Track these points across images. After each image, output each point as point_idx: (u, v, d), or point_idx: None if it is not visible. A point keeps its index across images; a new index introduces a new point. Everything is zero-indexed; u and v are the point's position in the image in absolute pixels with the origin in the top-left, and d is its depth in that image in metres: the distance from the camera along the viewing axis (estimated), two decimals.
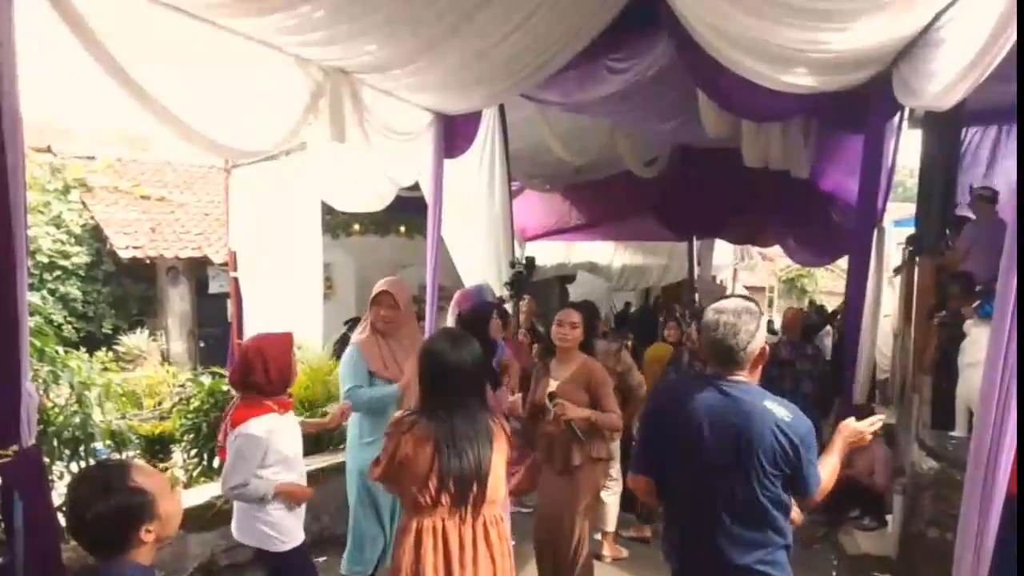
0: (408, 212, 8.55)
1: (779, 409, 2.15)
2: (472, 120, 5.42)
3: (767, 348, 2.28)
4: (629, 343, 7.30)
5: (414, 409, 2.56)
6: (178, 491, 1.93)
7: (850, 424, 2.40)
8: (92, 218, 10.63)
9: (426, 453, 2.39)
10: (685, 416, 2.25)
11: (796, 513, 2.31)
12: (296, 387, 5.03)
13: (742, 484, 2.15)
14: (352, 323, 9.29)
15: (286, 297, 6.16)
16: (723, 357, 2.22)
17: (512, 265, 6.83)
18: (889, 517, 4.94)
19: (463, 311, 4.21)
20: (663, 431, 2.38)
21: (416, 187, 5.62)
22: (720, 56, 4.07)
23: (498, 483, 2.49)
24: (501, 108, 6.49)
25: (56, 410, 3.75)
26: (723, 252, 15.17)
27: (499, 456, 2.49)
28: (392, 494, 2.96)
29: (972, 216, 5.87)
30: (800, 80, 4.05)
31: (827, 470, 2.27)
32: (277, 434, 2.94)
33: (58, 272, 10.10)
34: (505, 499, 4.01)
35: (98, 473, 1.86)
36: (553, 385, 3.58)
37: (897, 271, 7.25)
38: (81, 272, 10.37)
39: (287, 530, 3.01)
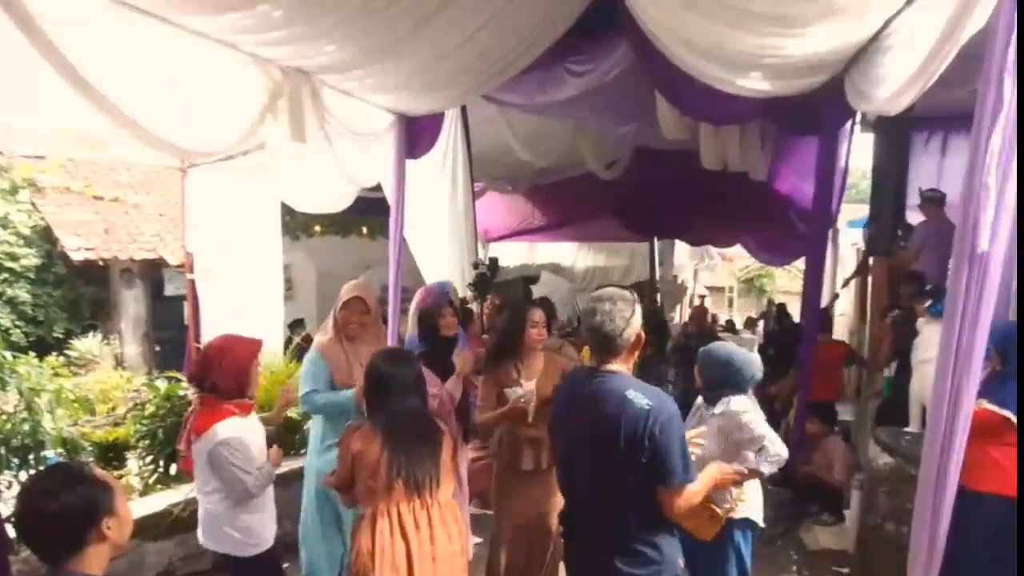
0: (370, 213, 8.51)
1: (640, 397, 2.21)
2: (434, 121, 5.40)
3: (643, 335, 2.37)
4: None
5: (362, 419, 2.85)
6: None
7: (721, 465, 2.64)
8: (42, 219, 10.30)
9: (375, 446, 2.63)
10: (569, 407, 2.45)
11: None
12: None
13: (611, 471, 2.27)
14: (295, 325, 9.20)
15: (245, 299, 6.05)
16: (601, 344, 2.33)
17: (475, 266, 6.84)
18: (847, 512, 5.05)
19: (418, 309, 4.16)
20: (559, 424, 2.58)
21: (378, 188, 5.58)
22: (678, 60, 4.13)
23: (447, 471, 2.78)
24: (463, 109, 6.49)
25: (4, 417, 3.64)
26: (684, 253, 15.39)
27: (447, 449, 2.78)
28: (349, 506, 2.99)
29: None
30: (756, 84, 4.12)
31: (696, 486, 2.32)
32: (243, 434, 2.92)
33: (6, 275, 9.78)
34: (461, 492, 4.01)
35: (59, 469, 1.87)
36: (531, 385, 3.49)
37: (846, 283, 7.47)
38: (31, 274, 10.06)
39: (257, 533, 2.99)
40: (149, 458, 4.90)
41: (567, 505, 2.59)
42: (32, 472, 3.65)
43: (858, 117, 5.61)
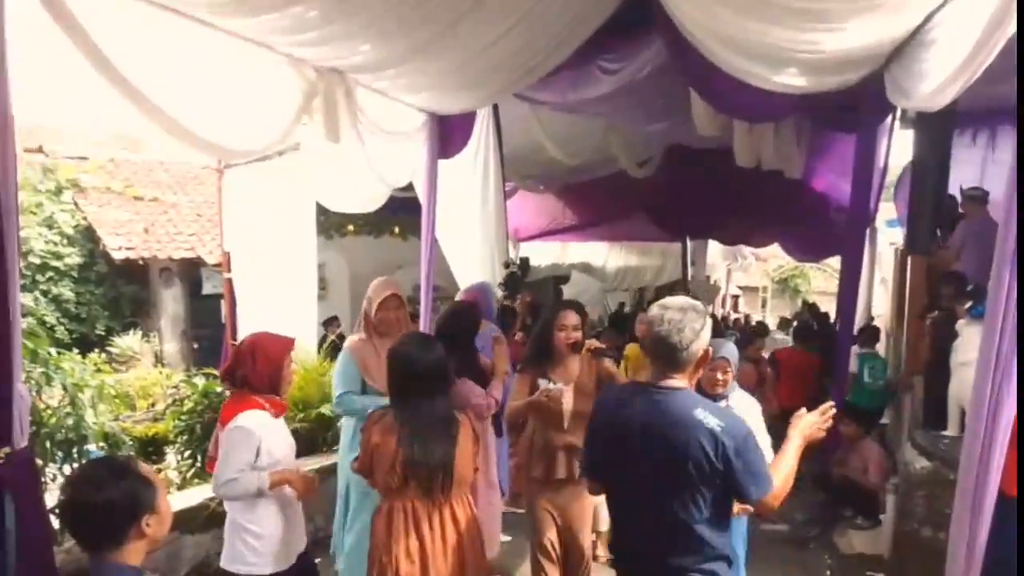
0: (402, 213, 8.56)
1: (709, 418, 2.05)
2: (466, 120, 5.42)
3: (710, 351, 2.23)
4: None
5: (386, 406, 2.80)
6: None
7: (803, 416, 2.35)
8: (84, 219, 10.59)
9: (391, 442, 2.61)
10: (619, 426, 2.23)
11: (738, 506, 2.32)
12: (290, 387, 5.03)
13: (672, 496, 2.09)
14: (329, 322, 9.28)
15: (280, 298, 6.14)
16: (665, 355, 2.14)
17: (506, 266, 6.84)
18: (882, 516, 4.96)
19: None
20: (598, 439, 2.39)
21: (410, 188, 5.62)
22: (713, 57, 4.08)
23: (465, 467, 2.71)
24: (495, 108, 6.49)
25: (49, 412, 3.73)
26: (716, 252, 15.24)
27: (464, 444, 2.70)
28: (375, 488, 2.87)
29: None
30: (792, 80, 4.07)
31: (781, 470, 2.19)
32: (269, 433, 2.80)
33: (51, 273, 10.05)
34: (491, 489, 4.00)
35: (106, 462, 1.88)
36: (568, 393, 3.40)
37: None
38: (74, 273, 10.33)
39: (259, 553, 2.78)
40: (187, 452, 5.01)
41: (616, 530, 2.46)
42: (75, 466, 3.75)
43: (898, 113, 5.49)
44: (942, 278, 5.05)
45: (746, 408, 3.27)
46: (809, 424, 2.32)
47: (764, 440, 3.08)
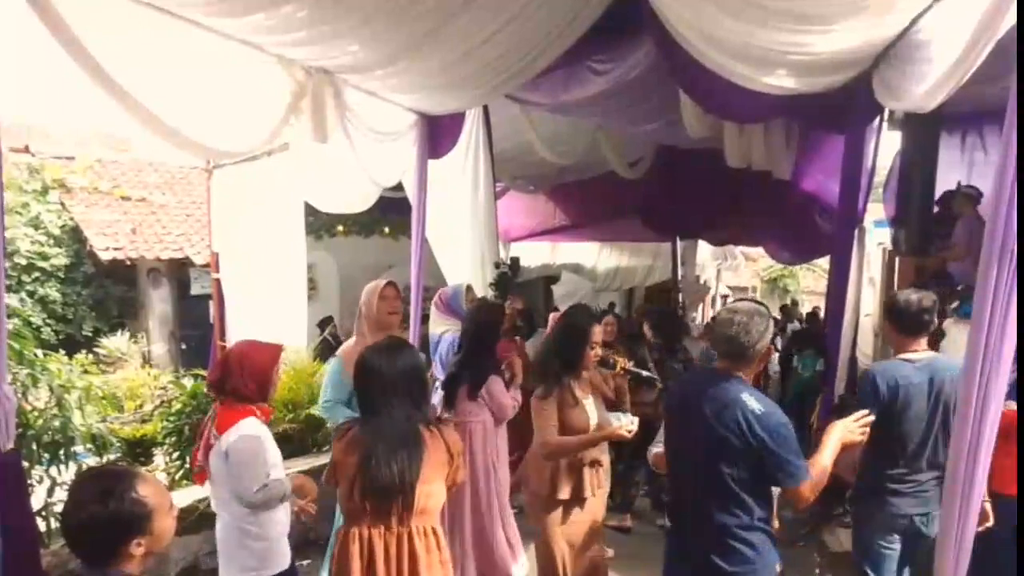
0: (392, 213, 8.55)
1: (753, 401, 2.38)
2: (456, 121, 5.41)
3: (771, 348, 2.60)
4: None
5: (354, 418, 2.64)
6: (175, 508, 1.88)
7: (838, 423, 2.59)
8: (71, 219, 10.50)
9: (353, 460, 2.40)
10: (684, 405, 2.60)
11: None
12: (279, 388, 5.01)
13: (720, 461, 2.40)
14: (324, 322, 9.24)
15: (270, 298, 6.12)
16: (735, 353, 2.47)
17: (497, 266, 6.83)
18: None
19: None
20: (671, 417, 2.73)
21: (400, 188, 5.61)
22: (702, 58, 4.09)
23: (428, 495, 2.43)
24: (485, 109, 6.49)
25: (35, 413, 3.70)
26: (706, 253, 15.27)
27: (431, 467, 2.43)
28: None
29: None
30: (782, 82, 4.08)
31: (818, 464, 2.44)
32: (267, 439, 2.85)
33: (37, 274, 9.97)
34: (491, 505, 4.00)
35: (103, 477, 1.81)
36: (592, 404, 3.42)
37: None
38: (60, 274, 10.25)
39: (266, 557, 2.86)
40: (175, 454, 4.98)
41: (672, 498, 2.85)
42: (63, 468, 3.72)
43: (885, 115, 5.51)
44: (930, 278, 5.09)
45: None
46: (845, 427, 2.58)
47: None
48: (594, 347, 3.39)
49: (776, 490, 2.53)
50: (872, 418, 2.63)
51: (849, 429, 2.57)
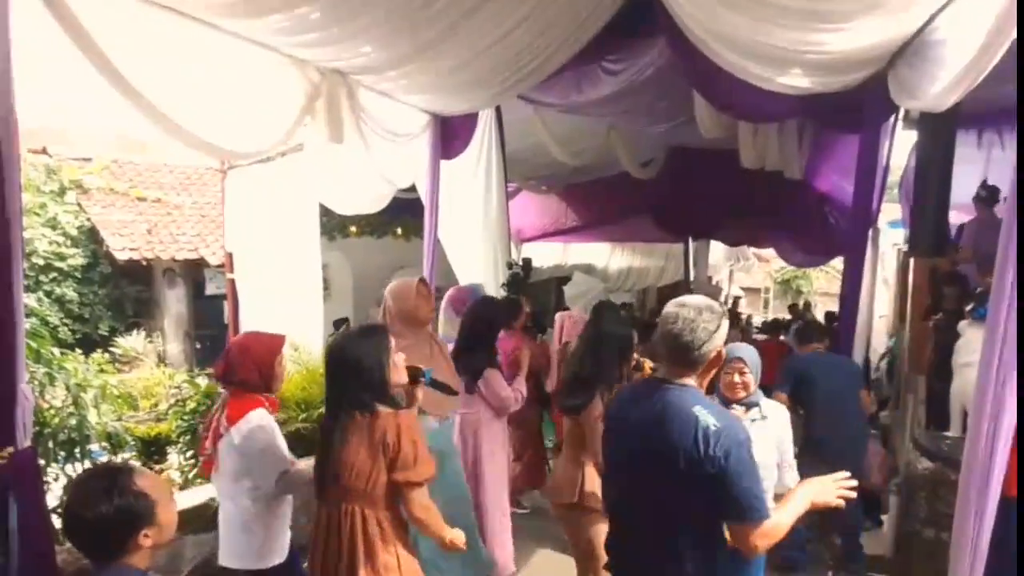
0: (405, 214, 8.56)
1: (707, 416, 1.97)
2: (469, 121, 5.42)
3: (723, 353, 2.14)
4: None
5: None
6: (175, 500, 1.90)
7: (814, 479, 2.16)
8: (88, 220, 10.61)
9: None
10: (624, 419, 2.22)
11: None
12: (293, 388, 5.03)
13: (667, 491, 2.04)
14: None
15: (284, 299, 6.14)
16: (676, 354, 2.08)
17: (509, 266, 6.84)
18: (884, 517, 4.94)
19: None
20: (609, 435, 2.36)
21: (413, 189, 5.62)
22: (716, 58, 4.08)
23: (353, 475, 2.44)
24: (498, 110, 6.49)
25: (52, 412, 3.73)
26: (719, 253, 15.20)
27: (356, 448, 2.44)
28: None
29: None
30: (796, 81, 4.06)
31: (780, 515, 2.01)
32: (275, 425, 2.87)
33: (54, 274, 10.08)
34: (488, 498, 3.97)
35: (102, 475, 1.83)
36: None
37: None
38: (77, 274, 10.36)
39: (272, 545, 2.89)
40: (189, 452, 5.00)
41: (613, 530, 2.35)
42: (78, 466, 3.75)
43: (900, 114, 5.47)
44: (945, 279, 5.04)
45: (778, 417, 3.23)
46: (821, 486, 2.12)
47: (789, 451, 3.13)
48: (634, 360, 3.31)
49: None
50: (855, 483, 2.13)
51: (826, 489, 2.11)
